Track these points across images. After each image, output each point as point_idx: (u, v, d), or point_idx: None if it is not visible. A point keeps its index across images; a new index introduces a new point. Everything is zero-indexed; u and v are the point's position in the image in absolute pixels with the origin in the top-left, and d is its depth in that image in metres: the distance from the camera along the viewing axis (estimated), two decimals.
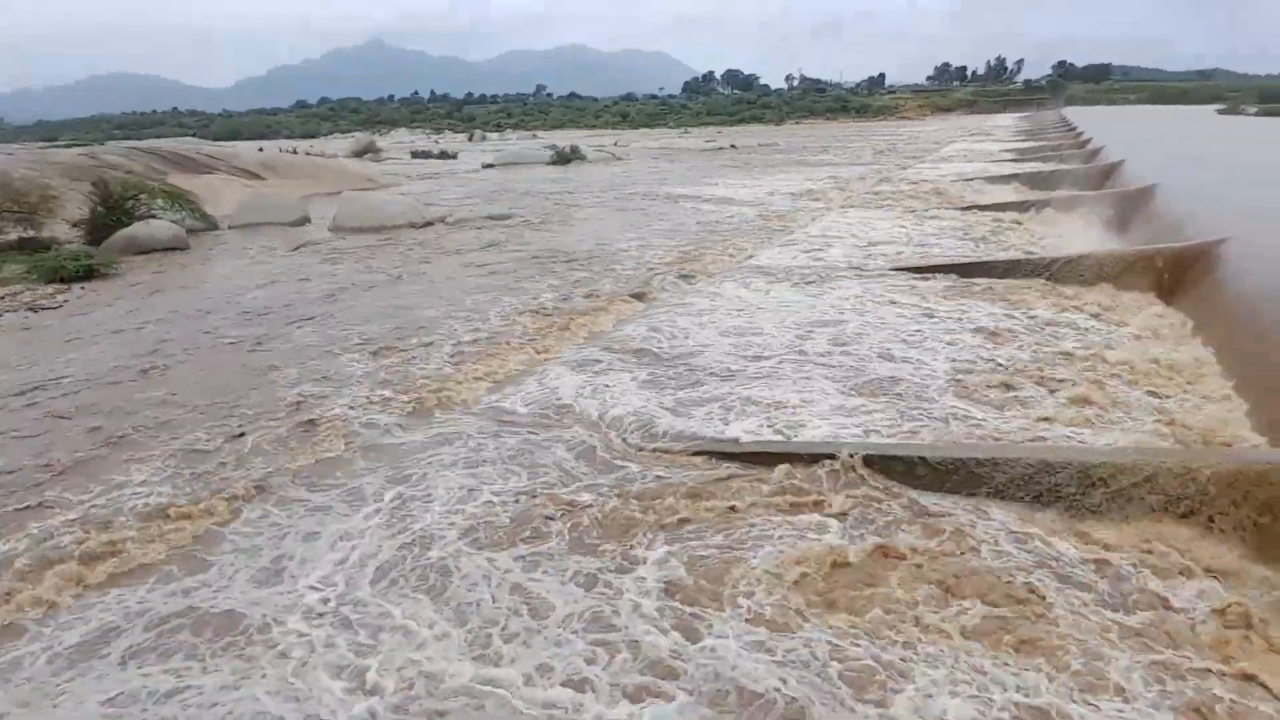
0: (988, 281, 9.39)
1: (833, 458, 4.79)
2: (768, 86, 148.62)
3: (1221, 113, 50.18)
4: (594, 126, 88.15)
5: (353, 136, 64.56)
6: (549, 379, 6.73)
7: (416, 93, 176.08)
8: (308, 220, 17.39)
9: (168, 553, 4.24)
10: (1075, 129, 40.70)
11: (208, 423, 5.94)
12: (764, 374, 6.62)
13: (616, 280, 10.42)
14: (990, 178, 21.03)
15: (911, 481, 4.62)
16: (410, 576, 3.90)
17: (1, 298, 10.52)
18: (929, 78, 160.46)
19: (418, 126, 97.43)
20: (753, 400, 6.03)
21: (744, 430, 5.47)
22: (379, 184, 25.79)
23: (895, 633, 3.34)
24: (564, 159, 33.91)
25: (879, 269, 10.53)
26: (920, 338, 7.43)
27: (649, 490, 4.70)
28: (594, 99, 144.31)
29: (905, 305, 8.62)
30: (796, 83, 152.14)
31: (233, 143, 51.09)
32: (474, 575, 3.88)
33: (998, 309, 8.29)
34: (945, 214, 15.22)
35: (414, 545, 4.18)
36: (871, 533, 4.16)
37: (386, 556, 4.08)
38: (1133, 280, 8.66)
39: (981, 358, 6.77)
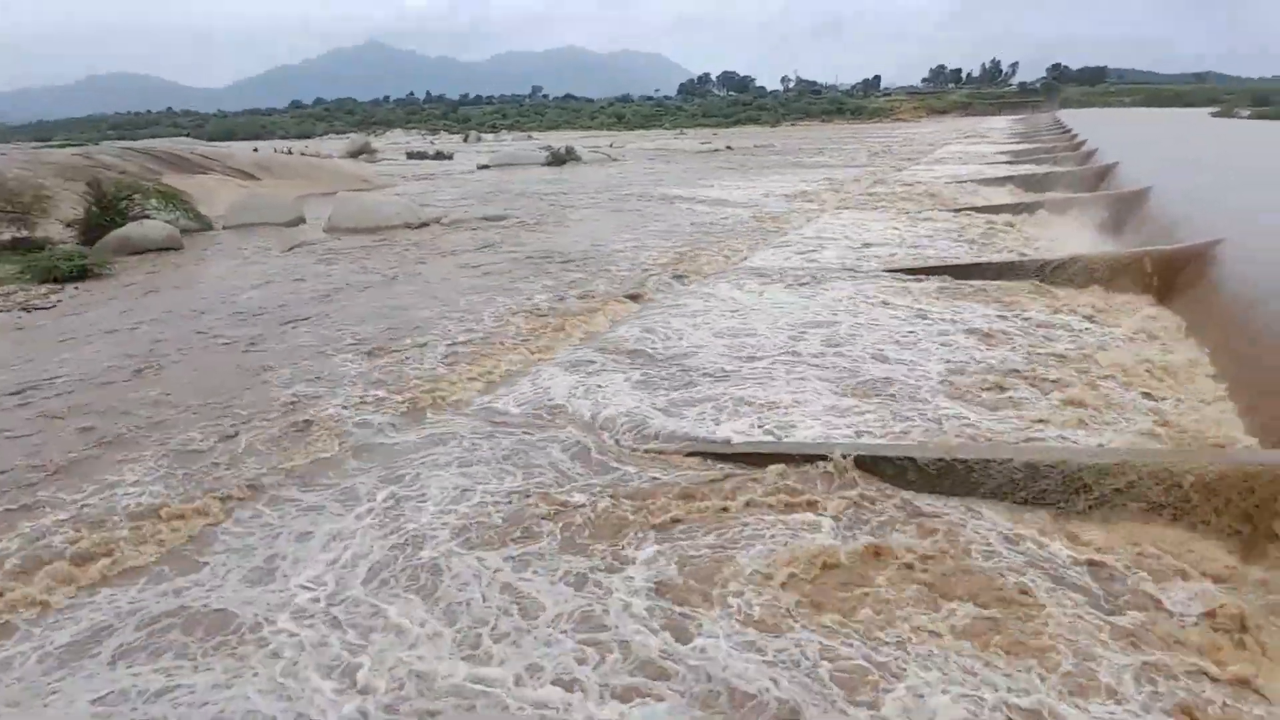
0: (981, 283, 9.41)
1: (825, 459, 4.80)
2: (763, 88, 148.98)
3: (1215, 115, 50.38)
4: (589, 128, 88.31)
5: (348, 137, 64.54)
6: (543, 379, 6.74)
7: (412, 93, 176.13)
8: (302, 221, 17.36)
9: (160, 552, 4.24)
10: (1070, 131, 40.86)
11: (201, 423, 5.93)
12: (757, 375, 6.64)
13: (611, 281, 10.42)
14: (985, 180, 21.09)
15: (903, 482, 4.63)
16: (402, 576, 3.90)
17: None
18: (924, 80, 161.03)
19: (413, 127, 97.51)
20: (746, 401, 6.04)
21: (737, 431, 5.48)
22: (374, 185, 25.77)
23: (885, 633, 3.35)
24: (559, 160, 33.93)
25: (873, 270, 10.55)
26: (913, 339, 7.45)
27: (641, 490, 4.71)
28: (590, 100, 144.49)
29: (898, 306, 8.64)
30: (792, 84, 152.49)
31: (228, 143, 51.00)
32: (465, 575, 3.88)
33: (991, 310, 8.31)
34: (939, 216, 15.27)
35: (406, 545, 4.18)
36: (864, 533, 4.17)
37: (378, 556, 4.08)
38: (1127, 282, 8.69)
39: (974, 359, 6.79)
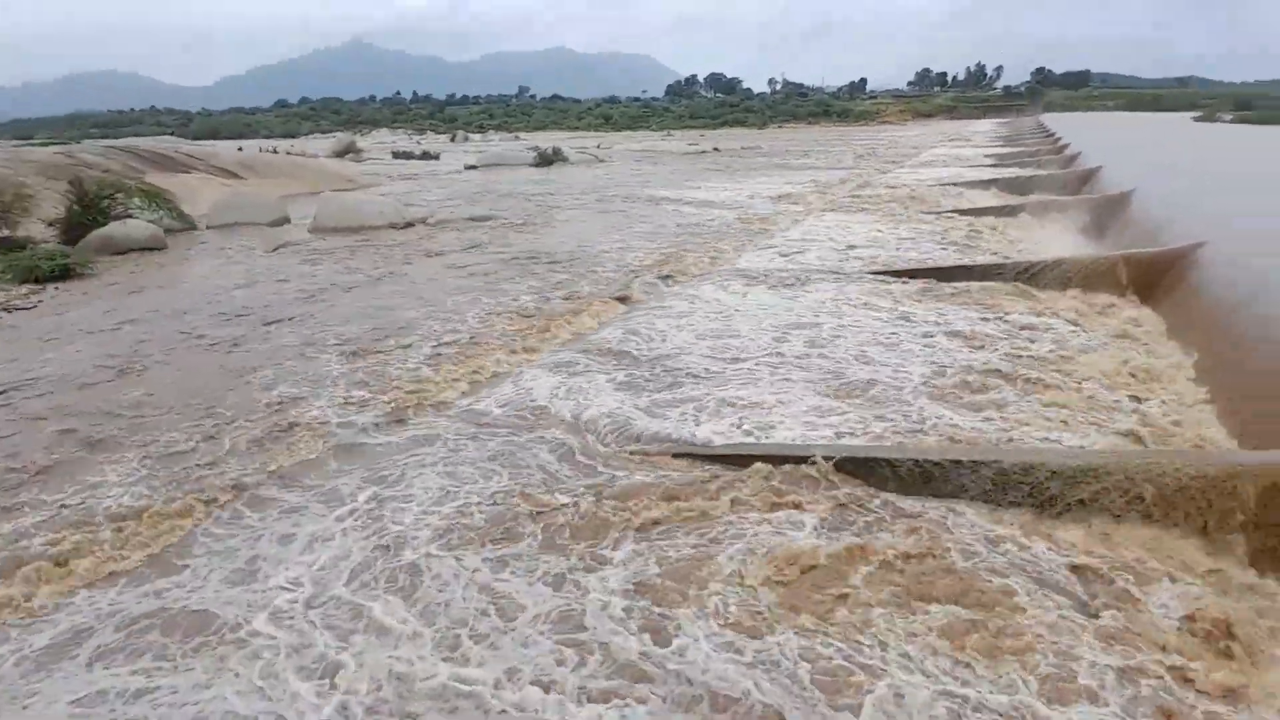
0: (964, 285, 9.48)
1: (808, 460, 4.83)
2: (750, 90, 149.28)
3: (1197, 120, 50.86)
4: (577, 128, 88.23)
5: (333, 136, 64.22)
6: (527, 381, 6.74)
7: (398, 93, 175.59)
8: (287, 220, 17.27)
9: (141, 554, 4.23)
10: (1053, 135, 41.17)
11: (184, 424, 5.90)
12: (741, 376, 6.67)
13: (597, 282, 10.44)
14: (969, 183, 21.24)
15: (885, 484, 4.66)
16: (382, 578, 3.90)
17: None
18: (910, 83, 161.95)
19: (399, 127, 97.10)
20: (729, 402, 6.07)
21: (718, 432, 5.51)
22: (359, 184, 25.66)
23: (864, 635, 3.38)
24: (546, 161, 33.92)
25: (857, 272, 10.61)
26: (896, 340, 7.51)
27: (625, 490, 4.73)
28: (577, 101, 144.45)
29: (882, 308, 8.70)
30: (779, 86, 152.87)
31: (212, 142, 50.70)
32: (446, 576, 3.89)
33: (973, 312, 8.38)
34: (923, 218, 15.37)
35: (388, 546, 4.18)
36: (846, 534, 4.20)
37: (360, 558, 4.08)
38: (1109, 285, 8.77)
39: (957, 361, 6.85)
